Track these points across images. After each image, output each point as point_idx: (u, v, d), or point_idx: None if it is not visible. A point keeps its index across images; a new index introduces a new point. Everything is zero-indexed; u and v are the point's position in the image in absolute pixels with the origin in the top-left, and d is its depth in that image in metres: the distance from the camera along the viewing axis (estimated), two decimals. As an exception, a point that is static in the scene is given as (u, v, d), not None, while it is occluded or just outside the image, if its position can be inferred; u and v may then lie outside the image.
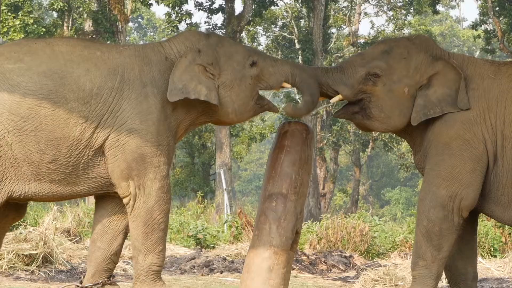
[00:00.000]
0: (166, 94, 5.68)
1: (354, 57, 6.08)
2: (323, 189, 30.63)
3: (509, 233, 11.89)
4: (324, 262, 10.36)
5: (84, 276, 5.99)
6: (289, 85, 5.89)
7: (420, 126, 5.85)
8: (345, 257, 10.67)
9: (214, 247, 11.78)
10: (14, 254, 8.08)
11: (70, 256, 9.45)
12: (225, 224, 13.53)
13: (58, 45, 5.66)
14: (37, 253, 8.15)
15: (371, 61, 5.89)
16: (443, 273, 6.02)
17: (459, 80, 5.74)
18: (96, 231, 5.91)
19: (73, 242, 10.33)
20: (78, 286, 5.99)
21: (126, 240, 6.09)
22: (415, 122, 5.80)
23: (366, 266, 9.67)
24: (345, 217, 12.70)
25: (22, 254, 8.13)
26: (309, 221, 13.78)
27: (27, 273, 7.97)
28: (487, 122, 5.68)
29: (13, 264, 8.05)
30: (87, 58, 5.61)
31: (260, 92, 5.95)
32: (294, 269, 9.38)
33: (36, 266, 8.09)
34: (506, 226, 11.79)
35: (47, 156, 5.51)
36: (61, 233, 10.47)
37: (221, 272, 9.39)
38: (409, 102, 5.84)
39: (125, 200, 5.70)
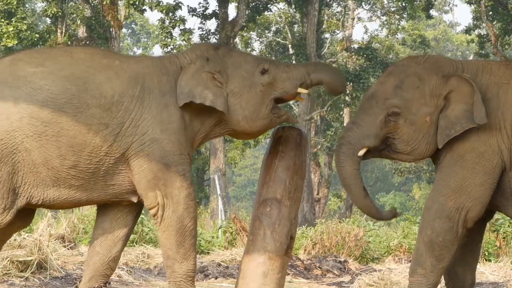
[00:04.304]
0: None
1: (367, 103, 5.85)
2: (318, 194, 30.63)
3: (504, 238, 11.88)
4: (318, 267, 10.37)
5: (80, 282, 5.98)
6: (305, 91, 5.82)
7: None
8: (340, 262, 10.68)
9: (208, 253, 11.77)
10: (8, 260, 8.05)
11: (65, 262, 9.42)
12: (220, 230, 13.53)
13: (76, 52, 5.68)
14: (32, 260, 8.12)
15: (385, 101, 5.74)
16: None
17: (473, 93, 5.60)
18: (96, 236, 5.89)
19: (68, 249, 10.31)
20: (73, 291, 5.99)
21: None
22: (440, 145, 5.67)
23: (361, 271, 9.67)
24: (340, 222, 12.73)
25: (17, 261, 8.09)
26: (303, 226, 13.81)
27: (22, 279, 7.94)
28: (503, 131, 5.60)
29: (8, 270, 8.02)
30: (107, 67, 5.62)
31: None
32: (288, 274, 9.38)
33: (31, 273, 8.05)
34: (501, 230, 11.81)
35: (68, 162, 5.48)
36: (55, 240, 10.44)
37: (216, 278, 9.39)
38: (433, 129, 5.72)
39: (152, 212, 5.67)
